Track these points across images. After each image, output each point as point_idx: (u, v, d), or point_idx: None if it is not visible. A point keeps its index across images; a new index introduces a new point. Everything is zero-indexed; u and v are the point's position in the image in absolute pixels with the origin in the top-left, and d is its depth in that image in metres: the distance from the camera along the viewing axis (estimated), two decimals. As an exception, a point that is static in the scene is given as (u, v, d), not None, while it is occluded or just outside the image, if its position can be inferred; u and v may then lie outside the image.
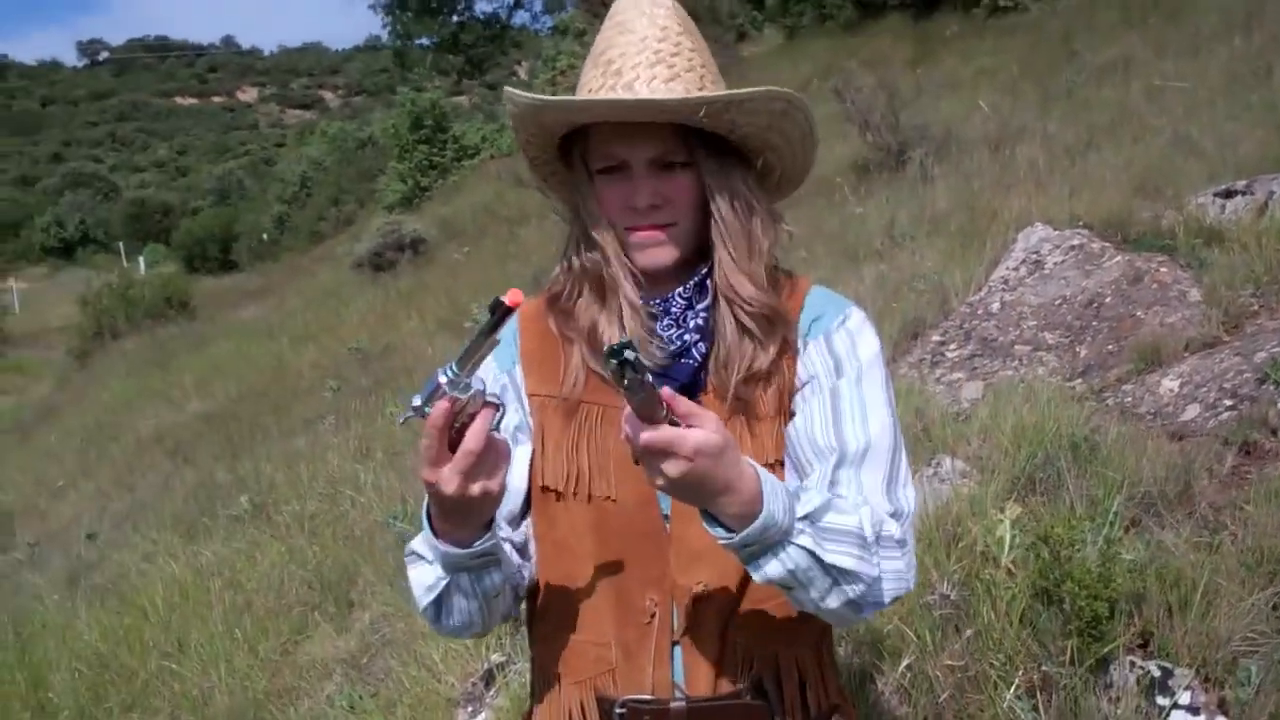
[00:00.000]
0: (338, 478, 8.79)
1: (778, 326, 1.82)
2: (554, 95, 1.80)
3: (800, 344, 1.85)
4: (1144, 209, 7.86)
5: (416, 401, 1.53)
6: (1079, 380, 6.24)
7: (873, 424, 1.77)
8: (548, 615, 1.88)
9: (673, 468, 1.45)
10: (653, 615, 1.78)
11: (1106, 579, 3.53)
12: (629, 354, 1.36)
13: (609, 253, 1.79)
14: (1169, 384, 5.84)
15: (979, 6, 19.43)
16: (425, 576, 1.75)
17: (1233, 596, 3.62)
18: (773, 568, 1.58)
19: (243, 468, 10.56)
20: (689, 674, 1.78)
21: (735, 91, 1.71)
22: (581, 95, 1.75)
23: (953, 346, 7.07)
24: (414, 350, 12.46)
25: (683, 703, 1.76)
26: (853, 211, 10.05)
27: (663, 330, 1.81)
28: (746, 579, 1.76)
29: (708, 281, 1.83)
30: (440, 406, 1.52)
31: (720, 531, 1.55)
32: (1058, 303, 7.12)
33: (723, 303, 1.81)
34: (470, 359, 1.50)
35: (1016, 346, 6.85)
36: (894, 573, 1.69)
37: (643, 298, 1.81)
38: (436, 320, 13.53)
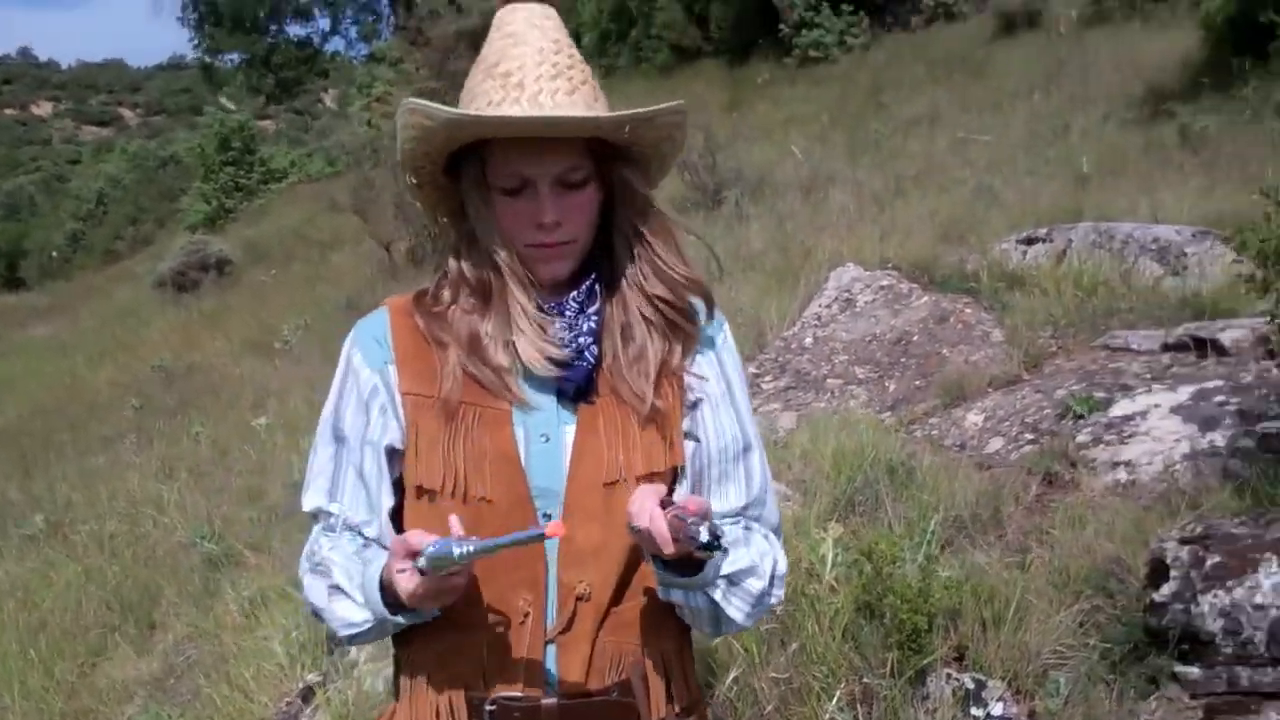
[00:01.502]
0: (139, 498, 8.51)
1: (683, 327, 1.87)
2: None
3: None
4: (949, 253, 8.19)
5: (422, 562, 1.63)
6: (888, 413, 6.46)
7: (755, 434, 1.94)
8: (424, 625, 1.87)
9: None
10: (527, 615, 1.79)
11: (926, 594, 3.68)
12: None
13: (503, 263, 1.79)
14: (973, 418, 6.09)
15: (790, 56, 20.00)
16: (351, 614, 1.80)
17: (1042, 613, 3.80)
18: (676, 597, 1.77)
19: (36, 486, 10.14)
20: (562, 672, 1.80)
21: (656, 108, 1.75)
22: (484, 108, 1.74)
23: (768, 379, 7.25)
24: (220, 370, 12.17)
25: (554, 700, 1.79)
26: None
27: (557, 334, 1.81)
28: (625, 582, 1.81)
29: (597, 286, 1.86)
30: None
31: (657, 566, 1.72)
32: (868, 339, 7.37)
33: (634, 307, 1.84)
34: (490, 551, 1.62)
35: (829, 380, 7.07)
36: (767, 610, 1.90)
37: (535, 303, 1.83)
38: (243, 341, 13.24)
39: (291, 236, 19.45)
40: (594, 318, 1.83)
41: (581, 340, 1.81)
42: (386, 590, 1.71)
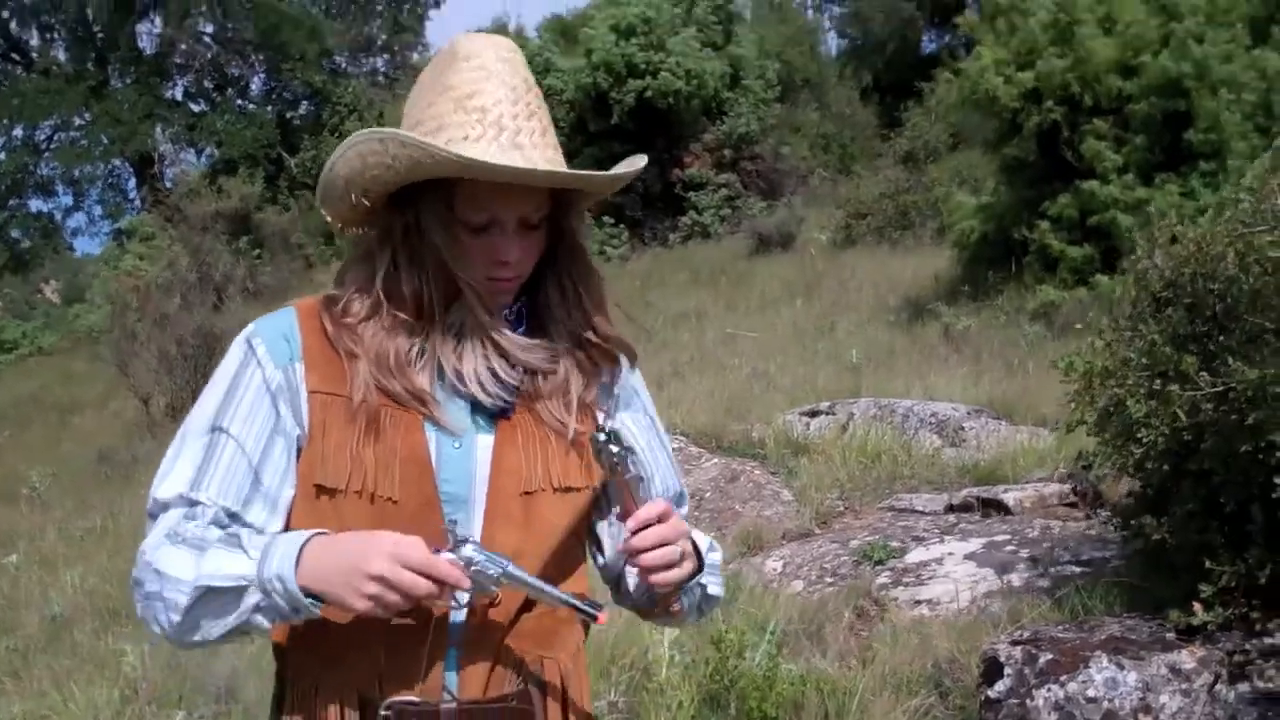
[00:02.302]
0: None
1: (602, 369, 1.89)
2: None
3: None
4: (735, 424, 8.41)
5: (467, 586, 1.63)
6: (687, 562, 6.49)
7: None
8: (309, 630, 1.77)
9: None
10: (431, 618, 1.72)
11: (772, 683, 3.67)
12: (616, 445, 1.61)
13: (467, 288, 1.75)
14: (772, 564, 6.20)
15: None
16: (232, 566, 1.62)
17: (882, 710, 3.84)
18: (676, 601, 1.83)
19: None
20: (463, 678, 1.74)
21: (631, 170, 1.81)
22: (460, 141, 1.71)
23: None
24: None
25: (453, 704, 1.73)
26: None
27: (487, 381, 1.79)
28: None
29: (523, 310, 1.86)
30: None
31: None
32: (663, 495, 7.42)
33: (558, 343, 1.84)
34: (533, 589, 1.67)
35: (625, 531, 7.06)
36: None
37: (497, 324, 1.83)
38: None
39: (28, 401, 18.53)
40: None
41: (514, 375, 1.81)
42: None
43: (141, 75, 36.11)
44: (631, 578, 1.89)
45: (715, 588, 1.89)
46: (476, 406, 1.78)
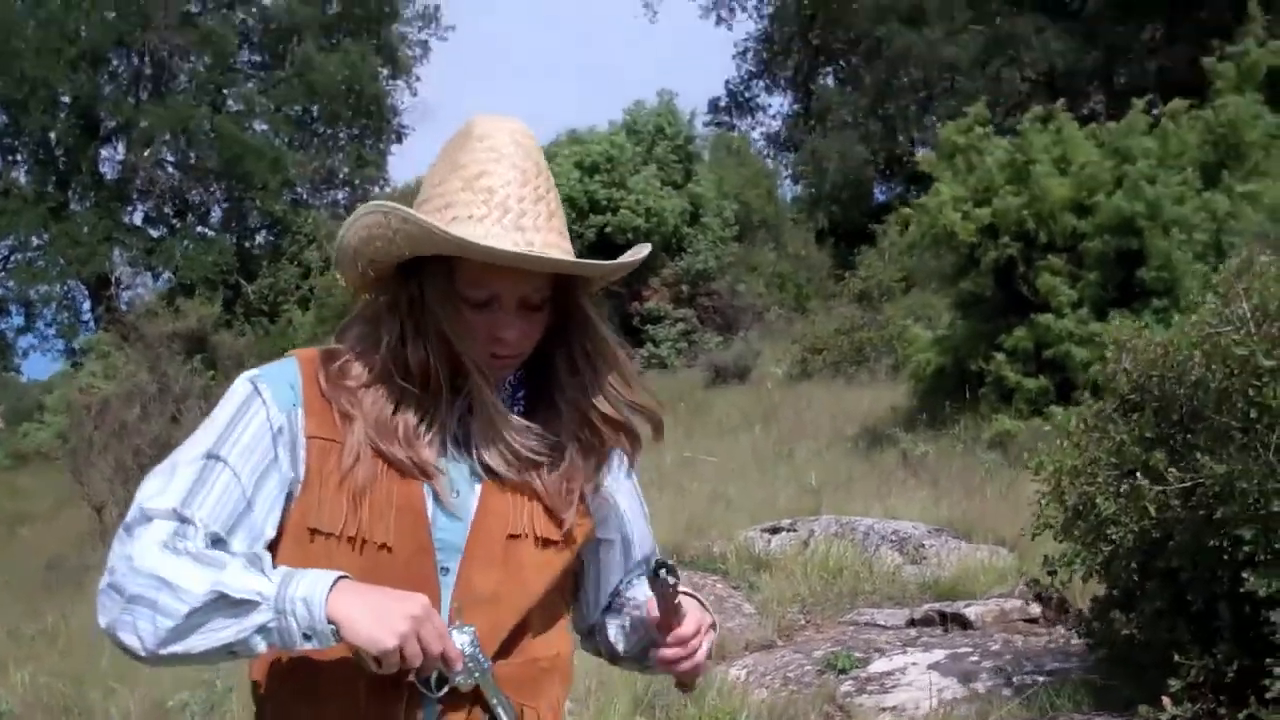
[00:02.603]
0: None
1: (609, 444, 1.89)
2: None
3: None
4: (696, 541, 8.43)
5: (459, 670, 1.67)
6: (648, 670, 6.46)
7: None
8: (292, 670, 1.79)
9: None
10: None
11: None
12: (672, 578, 1.65)
13: (470, 364, 1.77)
14: (736, 672, 6.17)
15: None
16: (253, 583, 1.60)
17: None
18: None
19: None
20: None
21: (633, 259, 1.83)
22: (465, 220, 1.75)
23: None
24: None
25: None
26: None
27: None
28: (514, 638, 1.78)
29: (522, 379, 1.89)
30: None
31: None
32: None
33: (568, 424, 1.85)
34: (493, 703, 1.73)
35: (586, 641, 7.03)
36: None
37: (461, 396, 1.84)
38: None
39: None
40: (520, 404, 1.87)
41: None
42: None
43: (102, 199, 36.22)
44: (624, 635, 1.93)
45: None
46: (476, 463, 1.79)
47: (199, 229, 37.87)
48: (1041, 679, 5.24)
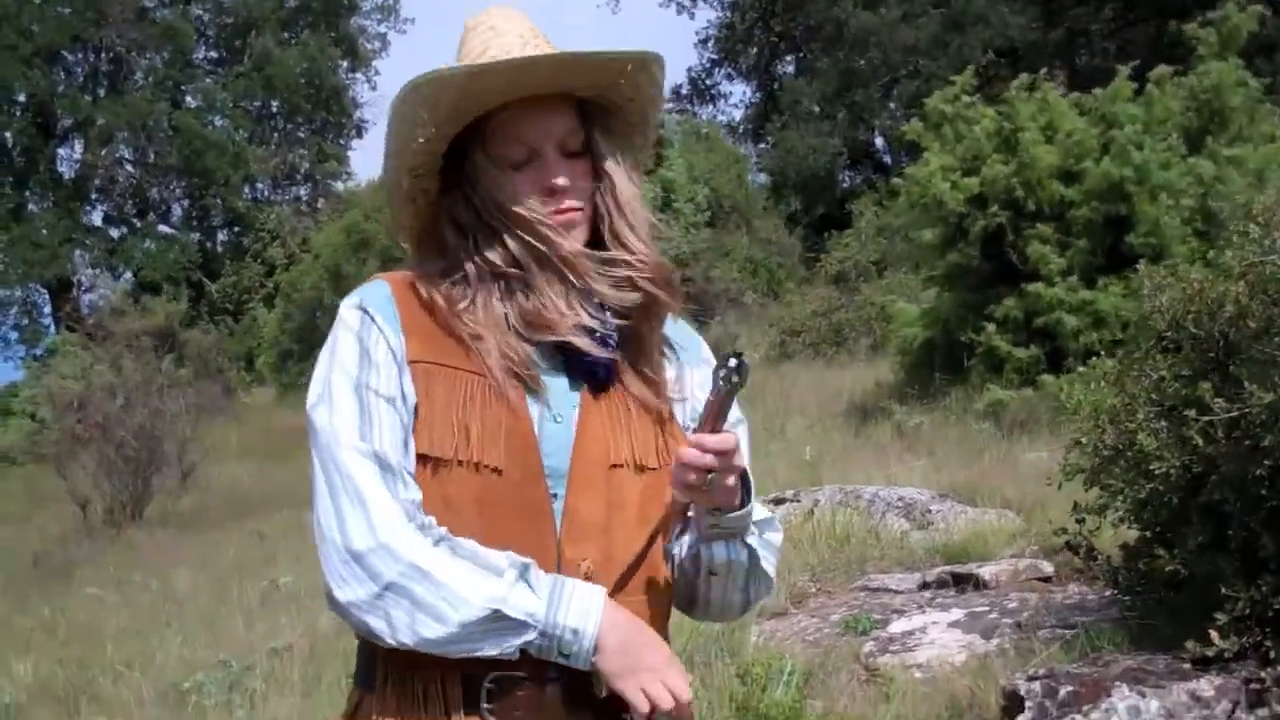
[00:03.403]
0: None
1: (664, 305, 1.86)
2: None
3: (675, 360, 1.91)
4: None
5: None
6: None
7: None
8: None
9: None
10: None
11: (799, 716, 3.64)
12: (738, 376, 1.67)
13: (529, 234, 1.76)
14: (754, 639, 6.13)
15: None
16: (512, 600, 1.63)
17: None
18: (719, 554, 1.78)
19: None
20: None
21: (646, 50, 1.82)
22: (471, 57, 1.78)
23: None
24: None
25: (557, 677, 1.69)
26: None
27: (592, 318, 1.78)
28: (628, 573, 1.76)
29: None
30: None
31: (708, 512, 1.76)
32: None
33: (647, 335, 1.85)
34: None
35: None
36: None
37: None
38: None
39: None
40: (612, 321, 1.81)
41: (610, 323, 1.80)
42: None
43: (61, 199, 35.84)
44: (686, 547, 1.85)
45: (766, 563, 1.87)
46: (572, 374, 1.78)
47: (160, 227, 37.56)
48: (1066, 632, 5.24)
